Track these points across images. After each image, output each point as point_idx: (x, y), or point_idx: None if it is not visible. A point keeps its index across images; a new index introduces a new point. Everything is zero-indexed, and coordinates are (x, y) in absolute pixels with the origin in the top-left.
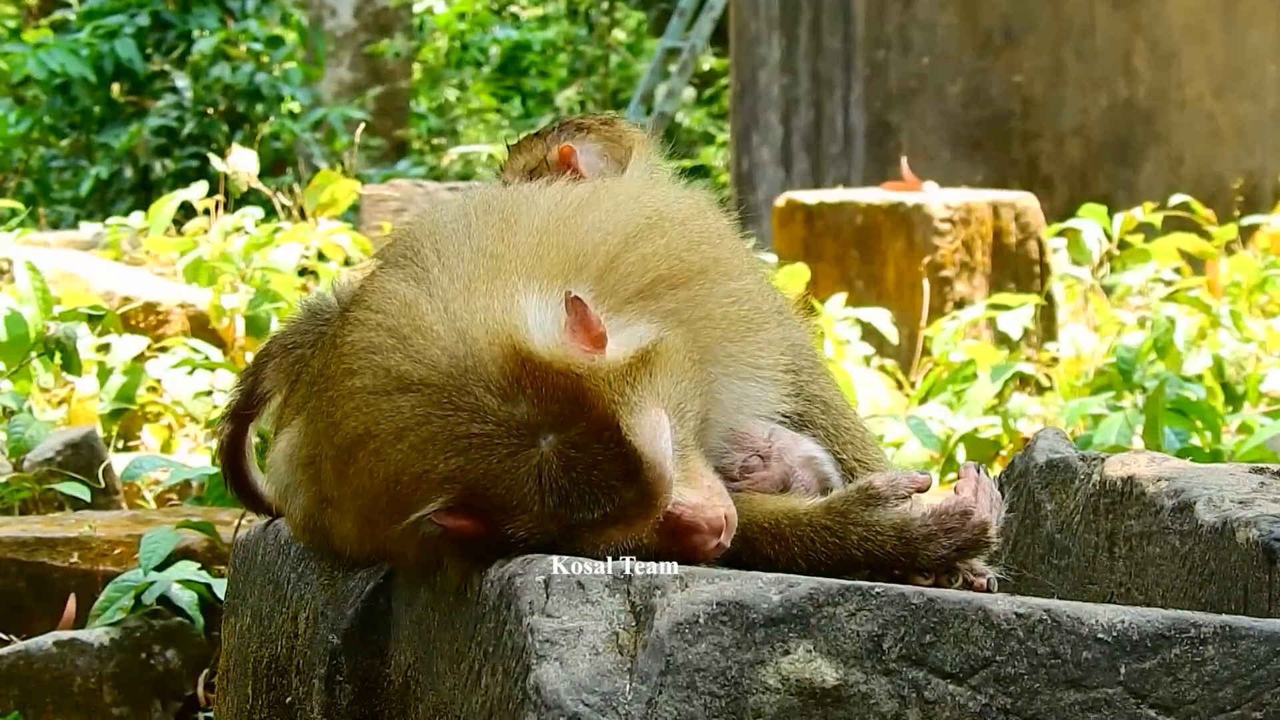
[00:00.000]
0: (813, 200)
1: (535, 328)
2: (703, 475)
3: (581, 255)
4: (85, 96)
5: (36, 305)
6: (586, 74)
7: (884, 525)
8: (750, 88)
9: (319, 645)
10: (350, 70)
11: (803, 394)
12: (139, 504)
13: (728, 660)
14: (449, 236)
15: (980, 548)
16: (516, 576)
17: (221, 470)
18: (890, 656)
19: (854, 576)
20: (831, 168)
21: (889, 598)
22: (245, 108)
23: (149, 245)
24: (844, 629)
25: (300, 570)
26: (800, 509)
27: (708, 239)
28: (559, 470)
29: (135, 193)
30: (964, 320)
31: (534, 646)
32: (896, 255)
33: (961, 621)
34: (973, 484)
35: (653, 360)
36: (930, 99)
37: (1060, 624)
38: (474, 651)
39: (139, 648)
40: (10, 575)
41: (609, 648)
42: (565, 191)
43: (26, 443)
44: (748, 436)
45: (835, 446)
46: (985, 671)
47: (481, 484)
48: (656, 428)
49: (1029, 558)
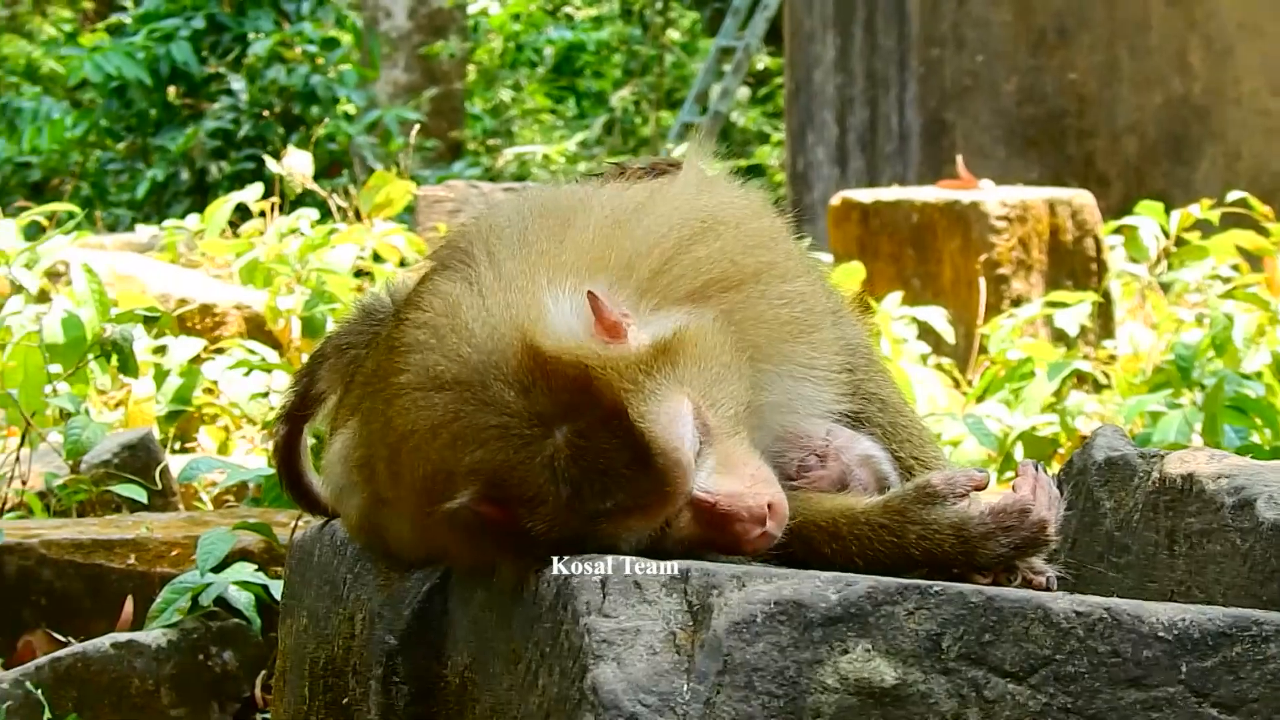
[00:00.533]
0: (868, 199)
1: (553, 322)
2: (745, 462)
3: (635, 256)
4: (141, 99)
5: (93, 308)
6: (641, 74)
7: (942, 524)
8: (805, 86)
9: (376, 646)
10: (405, 72)
11: (859, 392)
12: (196, 506)
13: (786, 660)
14: (502, 237)
15: (1039, 546)
16: (573, 576)
17: (277, 471)
18: (949, 655)
19: (912, 576)
20: (887, 166)
21: (948, 596)
22: (300, 110)
23: (205, 247)
24: (903, 628)
25: (356, 571)
26: (858, 508)
27: (762, 242)
28: (569, 460)
29: (191, 195)
30: (1021, 318)
31: (591, 646)
32: (952, 253)
33: (1021, 620)
34: (1031, 482)
35: (676, 347)
36: (985, 97)
37: (1121, 622)
38: (530, 652)
39: (196, 649)
40: (67, 577)
41: (666, 647)
42: (621, 194)
43: (83, 445)
44: (805, 435)
45: (893, 445)
46: (1045, 670)
47: (500, 475)
48: (673, 414)
49: (1088, 556)
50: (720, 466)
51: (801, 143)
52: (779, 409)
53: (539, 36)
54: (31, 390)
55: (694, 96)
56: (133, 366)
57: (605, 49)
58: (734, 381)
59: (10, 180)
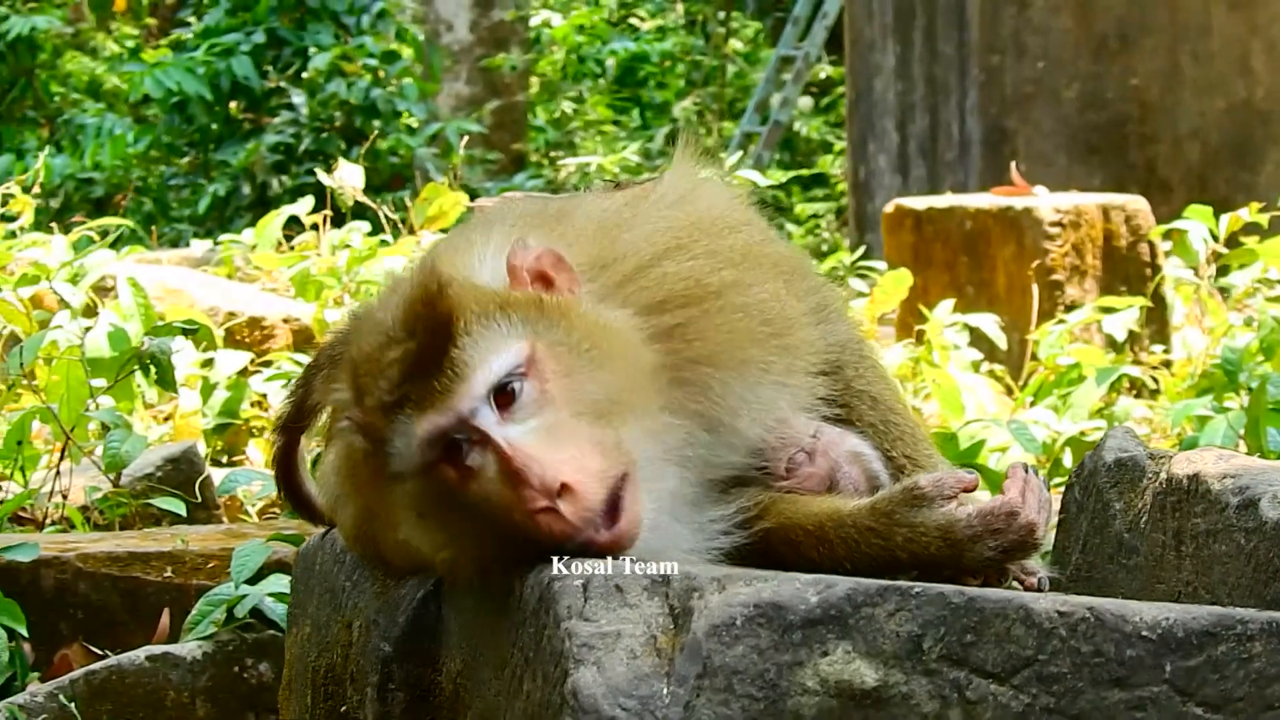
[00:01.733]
0: (921, 206)
1: (469, 257)
2: (573, 442)
3: (610, 260)
4: (203, 114)
5: (139, 322)
6: (703, 84)
7: (929, 526)
8: (866, 95)
9: (372, 653)
10: (467, 84)
11: (849, 390)
12: (241, 519)
13: (765, 662)
14: (492, 225)
15: (1027, 549)
16: (555, 580)
17: (275, 482)
18: (931, 656)
19: (902, 579)
20: (948, 174)
21: (928, 597)
22: (361, 123)
23: (256, 260)
24: (883, 629)
25: (355, 579)
26: (844, 510)
27: (731, 260)
28: (400, 361)
29: (253, 209)
30: (1070, 323)
31: (571, 651)
32: (1006, 260)
33: (1003, 620)
34: (1020, 484)
35: (559, 313)
36: (1046, 103)
37: (1104, 622)
38: (516, 657)
39: (231, 661)
40: (105, 590)
41: (647, 651)
42: (609, 199)
43: (123, 458)
44: (792, 433)
45: (884, 443)
46: (1028, 671)
47: (355, 373)
48: (497, 345)
49: (1098, 557)
50: (544, 432)
51: (863, 151)
52: (733, 411)
53: (601, 48)
54: (73, 404)
55: (755, 106)
56: (170, 379)
57: (668, 59)
58: (615, 379)
59: (73, 197)
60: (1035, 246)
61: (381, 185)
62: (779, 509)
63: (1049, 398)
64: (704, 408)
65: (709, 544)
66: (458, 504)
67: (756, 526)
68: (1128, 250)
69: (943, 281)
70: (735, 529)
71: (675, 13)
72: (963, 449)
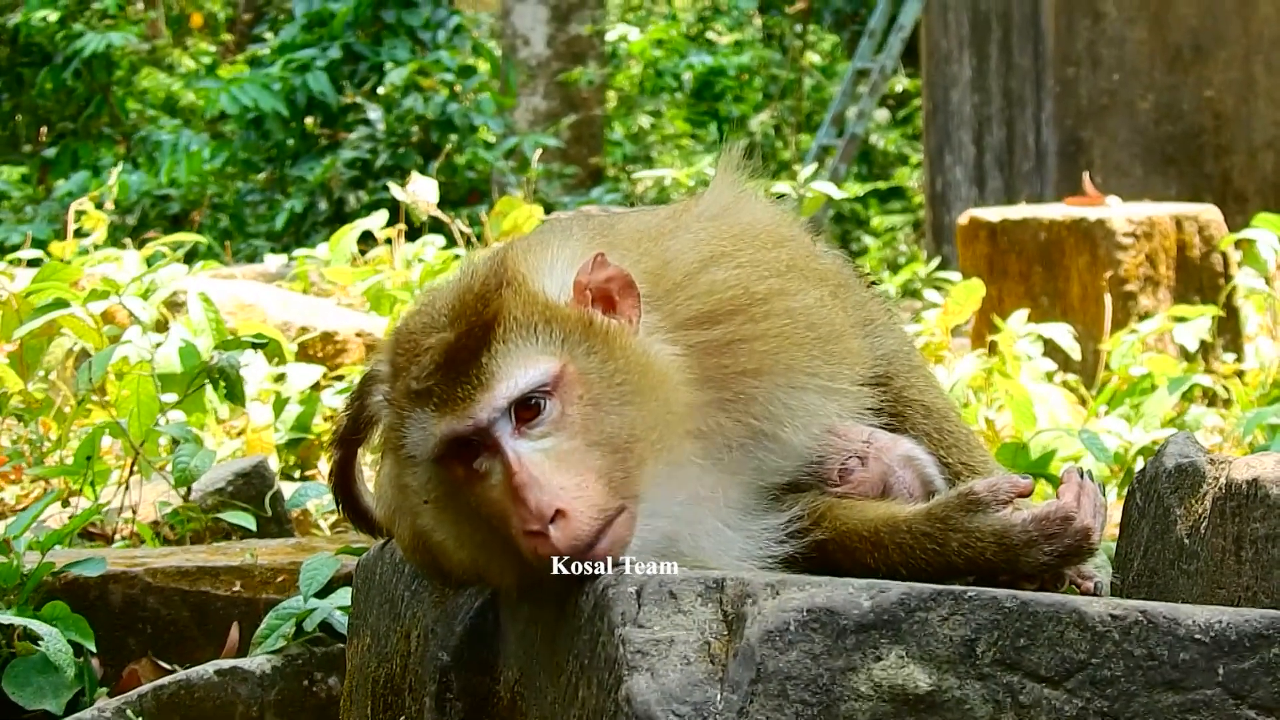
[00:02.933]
0: (995, 217)
1: (540, 261)
2: (580, 471)
3: (659, 268)
4: (279, 130)
5: (210, 336)
6: (780, 98)
7: (984, 531)
8: (942, 107)
9: (430, 663)
10: (545, 99)
11: (900, 399)
12: (312, 533)
13: (819, 668)
14: (553, 231)
15: (1082, 554)
16: (610, 587)
17: (333, 495)
18: (984, 661)
19: (957, 584)
20: (1024, 185)
21: (981, 601)
22: (438, 138)
23: (329, 275)
24: (936, 634)
25: (414, 589)
26: (900, 516)
27: (777, 270)
28: (435, 349)
29: (329, 225)
30: (1143, 333)
31: (626, 657)
32: (1080, 270)
33: (1056, 624)
34: (1075, 489)
35: (601, 338)
36: (1121, 115)
37: (1157, 625)
38: (571, 664)
39: (300, 675)
40: (173, 605)
41: (700, 657)
42: (659, 215)
43: (192, 472)
44: (845, 439)
45: (939, 450)
46: (1081, 675)
47: (394, 350)
48: (530, 357)
49: (1159, 563)
50: (554, 454)
51: (940, 163)
52: (782, 421)
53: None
54: (143, 419)
55: (831, 119)
56: (240, 393)
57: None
58: (643, 415)
59: (150, 213)
60: (1109, 257)
61: (458, 200)
62: (834, 515)
63: (1121, 407)
64: (751, 419)
65: (763, 551)
66: (461, 499)
67: (812, 534)
68: (1201, 260)
69: (1017, 292)
70: (790, 536)
71: (752, 27)
72: (1034, 458)
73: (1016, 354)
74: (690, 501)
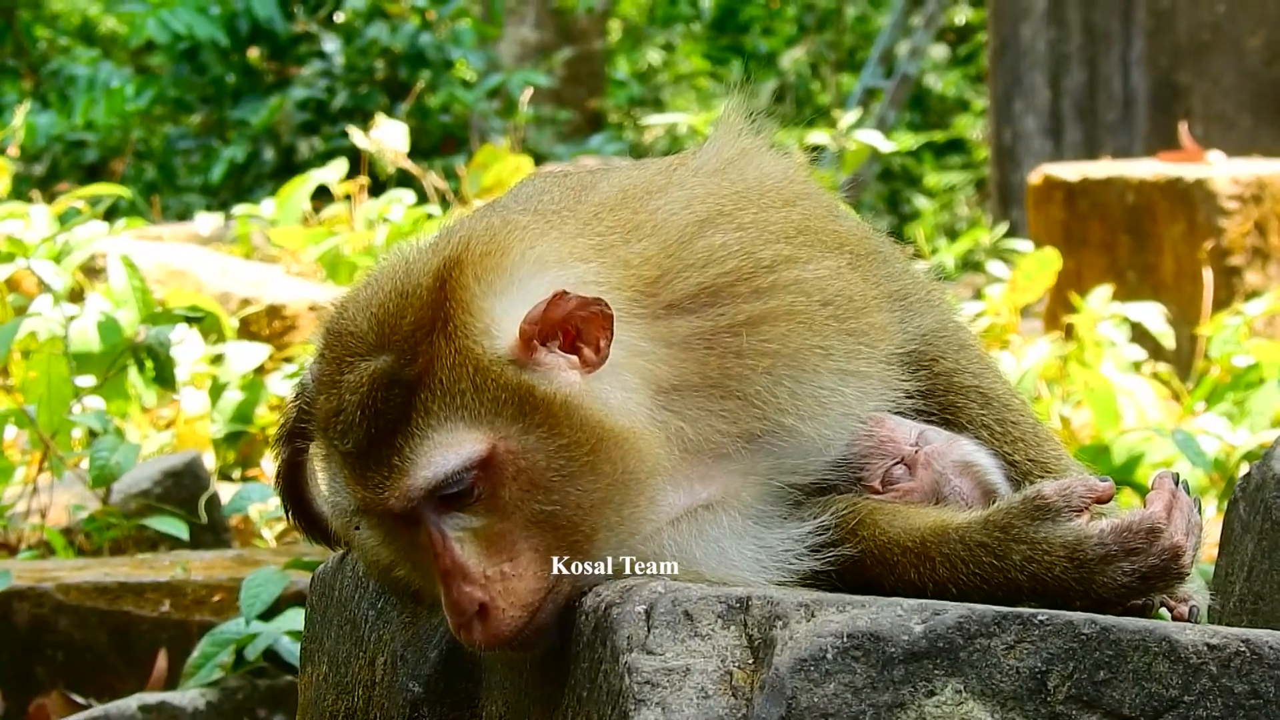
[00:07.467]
0: (1074, 176)
1: (493, 295)
2: (510, 555)
3: (637, 239)
4: (216, 64)
5: (135, 310)
6: (818, 30)
7: (1053, 543)
8: (1012, 44)
9: (398, 695)
10: (535, 29)
11: (951, 386)
12: (254, 544)
13: (861, 703)
14: (519, 195)
15: (1169, 577)
16: (613, 607)
17: (279, 497)
18: (1057, 697)
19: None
20: (1109, 138)
21: (1055, 627)
22: (407, 75)
23: (275, 237)
24: (1001, 664)
25: (379, 607)
26: (953, 524)
27: (785, 231)
28: (358, 389)
29: (276, 178)
30: (1249, 315)
31: (632, 689)
32: (1175, 240)
33: (1142, 655)
34: (1166, 497)
35: (545, 409)
36: (1226, 55)
37: (1262, 657)
38: (568, 697)
39: (241, 711)
40: (89, 627)
41: (720, 689)
42: (648, 171)
43: (112, 470)
44: (890, 441)
45: (1003, 446)
46: (1172, 714)
47: (318, 376)
48: (454, 438)
49: (1267, 586)
50: (484, 537)
51: (1008, 111)
52: (795, 412)
53: None
54: (55, 407)
55: (878, 57)
56: (170, 377)
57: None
58: (596, 487)
59: (61, 161)
60: (1209, 224)
61: (430, 149)
62: (874, 522)
63: (1222, 404)
64: (757, 407)
65: (784, 566)
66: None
67: (845, 545)
68: None
69: (1099, 265)
70: (819, 548)
71: None
72: (1118, 464)
73: (1098, 339)
74: (685, 518)
